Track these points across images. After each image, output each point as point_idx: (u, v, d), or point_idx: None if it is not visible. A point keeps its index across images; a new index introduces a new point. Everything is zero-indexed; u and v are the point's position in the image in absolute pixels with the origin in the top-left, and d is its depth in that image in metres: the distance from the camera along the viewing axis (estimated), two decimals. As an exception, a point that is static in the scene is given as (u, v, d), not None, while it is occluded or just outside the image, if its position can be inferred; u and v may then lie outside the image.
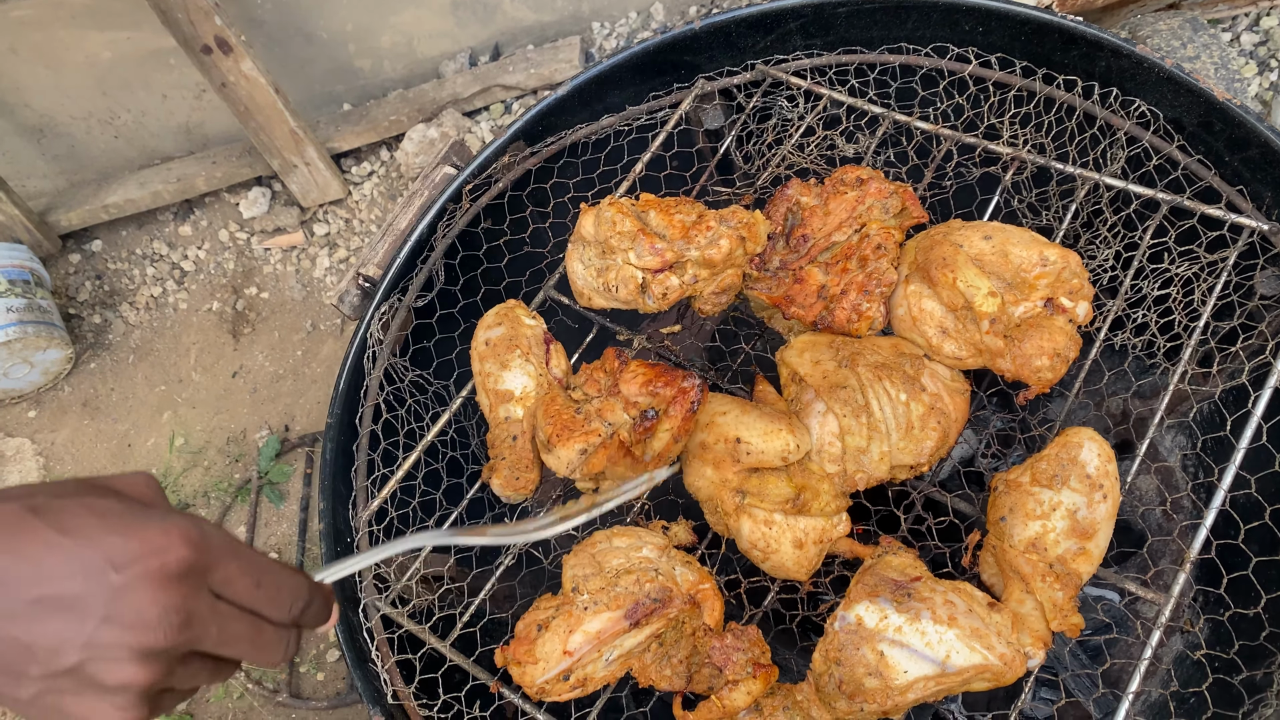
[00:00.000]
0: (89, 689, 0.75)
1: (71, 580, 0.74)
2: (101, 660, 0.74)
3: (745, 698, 1.28)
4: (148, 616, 0.75)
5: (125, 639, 0.74)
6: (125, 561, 0.75)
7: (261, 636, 0.83)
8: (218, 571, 0.80)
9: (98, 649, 0.74)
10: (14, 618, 0.73)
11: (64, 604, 0.74)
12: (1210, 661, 1.43)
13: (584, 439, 1.38)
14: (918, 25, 1.73)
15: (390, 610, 1.48)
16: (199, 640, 0.78)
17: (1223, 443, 1.36)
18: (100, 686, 0.75)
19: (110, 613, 0.74)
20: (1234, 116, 1.49)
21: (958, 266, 1.39)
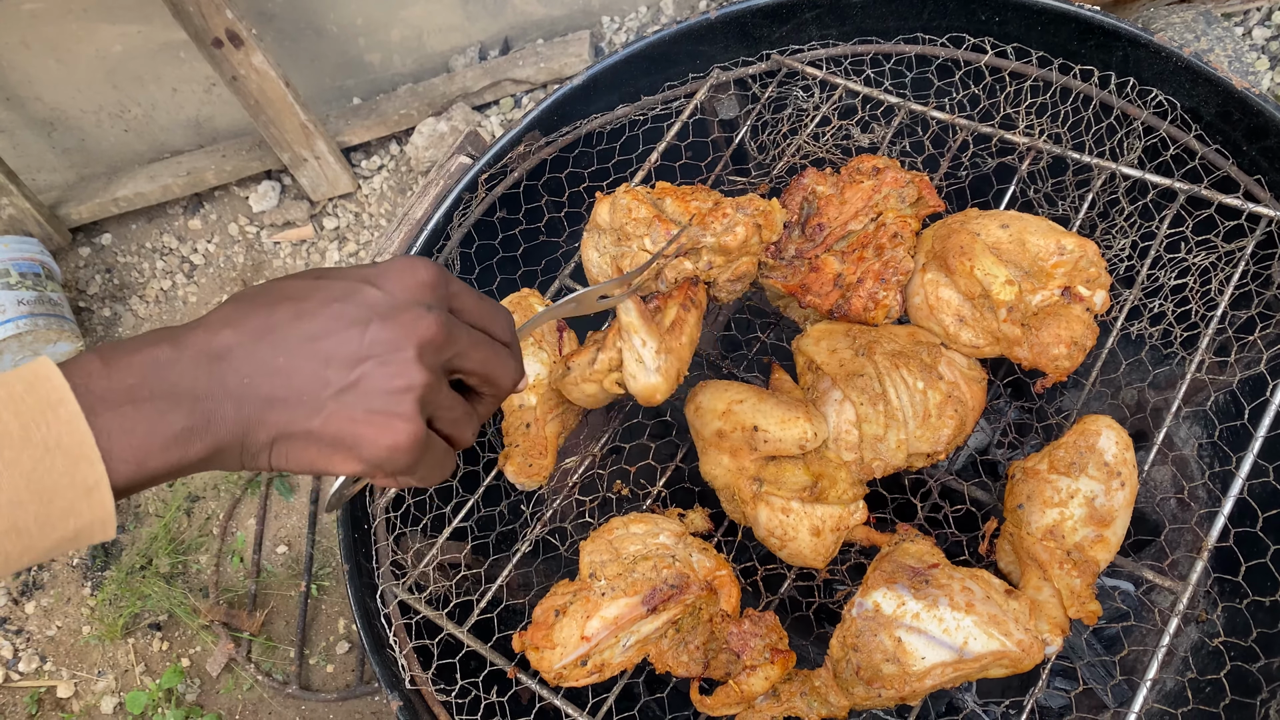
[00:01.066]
0: (376, 397, 0.80)
1: (340, 303, 0.82)
2: (382, 362, 0.81)
3: (763, 683, 1.28)
4: (415, 313, 0.82)
5: (399, 335, 0.81)
6: (382, 279, 0.84)
7: (495, 351, 0.90)
8: (453, 286, 0.89)
9: (377, 349, 0.81)
10: (300, 352, 0.80)
11: (340, 324, 0.81)
12: (1228, 649, 1.43)
13: (594, 344, 1.42)
14: (934, 15, 1.74)
15: (407, 596, 1.48)
16: (456, 344, 0.85)
17: (1240, 432, 1.36)
18: (385, 392, 0.80)
19: (381, 315, 0.82)
20: (1253, 105, 1.49)
21: (975, 255, 1.39)
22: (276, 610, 2.84)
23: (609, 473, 1.66)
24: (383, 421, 0.80)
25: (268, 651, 2.77)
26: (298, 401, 0.79)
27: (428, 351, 0.82)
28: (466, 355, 0.87)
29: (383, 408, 0.80)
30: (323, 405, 0.80)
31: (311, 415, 0.79)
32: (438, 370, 0.84)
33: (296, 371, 0.79)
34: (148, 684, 2.81)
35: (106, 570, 3.00)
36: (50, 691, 2.88)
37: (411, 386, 0.81)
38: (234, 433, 0.78)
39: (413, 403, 0.81)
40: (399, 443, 0.81)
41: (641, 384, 1.39)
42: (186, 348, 0.77)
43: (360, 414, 0.80)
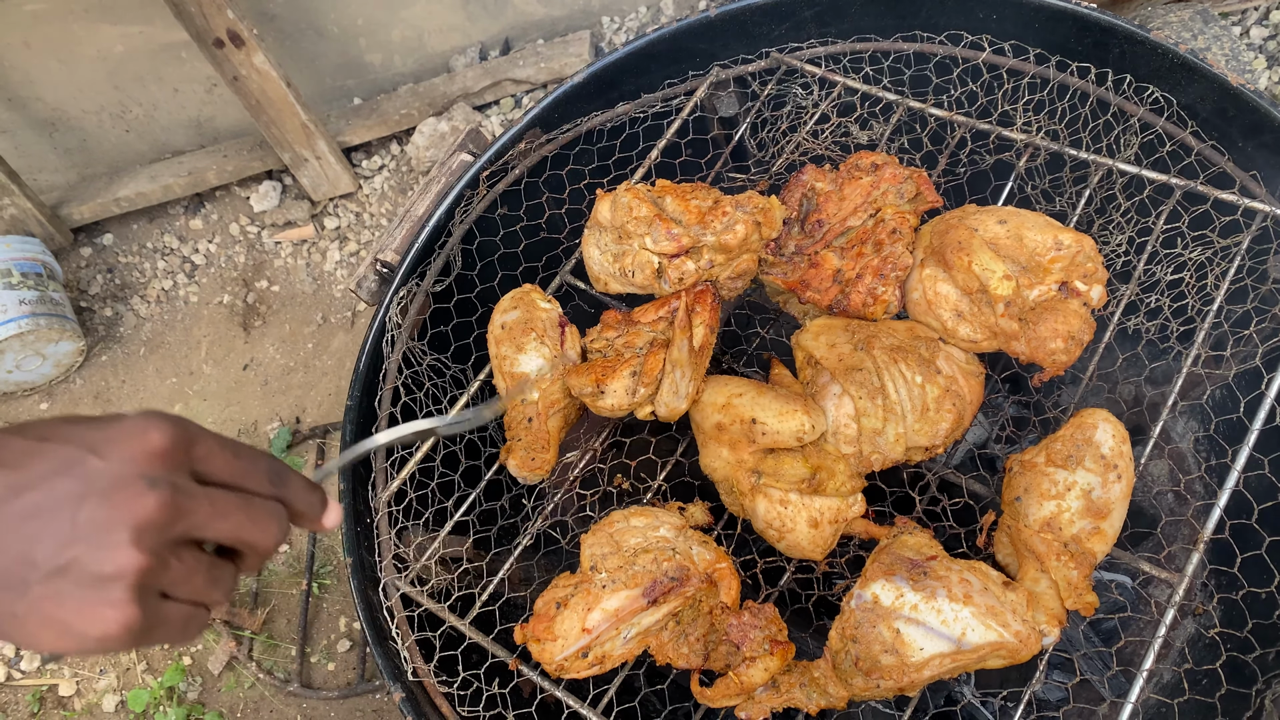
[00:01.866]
0: (84, 584, 0.74)
1: (56, 477, 0.75)
2: (93, 545, 0.74)
3: (762, 674, 1.29)
4: (134, 490, 0.75)
5: (114, 515, 0.74)
6: (106, 447, 0.76)
7: (251, 508, 0.83)
8: (197, 448, 0.80)
9: (88, 531, 0.74)
10: (9, 531, 0.74)
11: (53, 500, 0.74)
12: (1224, 640, 1.44)
13: (628, 365, 1.43)
14: (932, 13, 1.75)
15: (410, 590, 1.49)
16: (190, 517, 0.78)
17: (1236, 425, 1.37)
18: (94, 578, 0.74)
19: (98, 493, 0.74)
20: (1248, 102, 1.50)
21: (973, 250, 1.40)
22: (278, 608, 2.84)
23: (609, 467, 1.67)
24: (91, 610, 0.74)
25: (269, 650, 2.78)
26: (4, 584, 0.74)
27: (147, 533, 0.76)
28: (208, 526, 0.80)
29: (91, 596, 0.74)
30: (28, 589, 0.74)
31: (16, 599, 0.74)
32: (161, 550, 0.77)
33: (3, 551, 0.74)
34: (149, 682, 2.82)
35: (108, 568, 3.00)
36: (52, 690, 2.88)
37: (122, 573, 0.74)
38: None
39: (124, 589, 0.75)
40: (109, 632, 0.75)
41: (672, 409, 1.44)
42: None
43: (68, 601, 0.74)
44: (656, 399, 1.44)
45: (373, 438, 1.04)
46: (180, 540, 0.79)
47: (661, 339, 1.46)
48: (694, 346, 1.43)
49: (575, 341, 1.56)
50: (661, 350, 1.43)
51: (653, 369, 1.42)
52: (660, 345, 1.44)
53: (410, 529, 1.58)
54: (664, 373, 1.42)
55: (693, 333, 1.44)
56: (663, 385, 1.43)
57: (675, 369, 1.42)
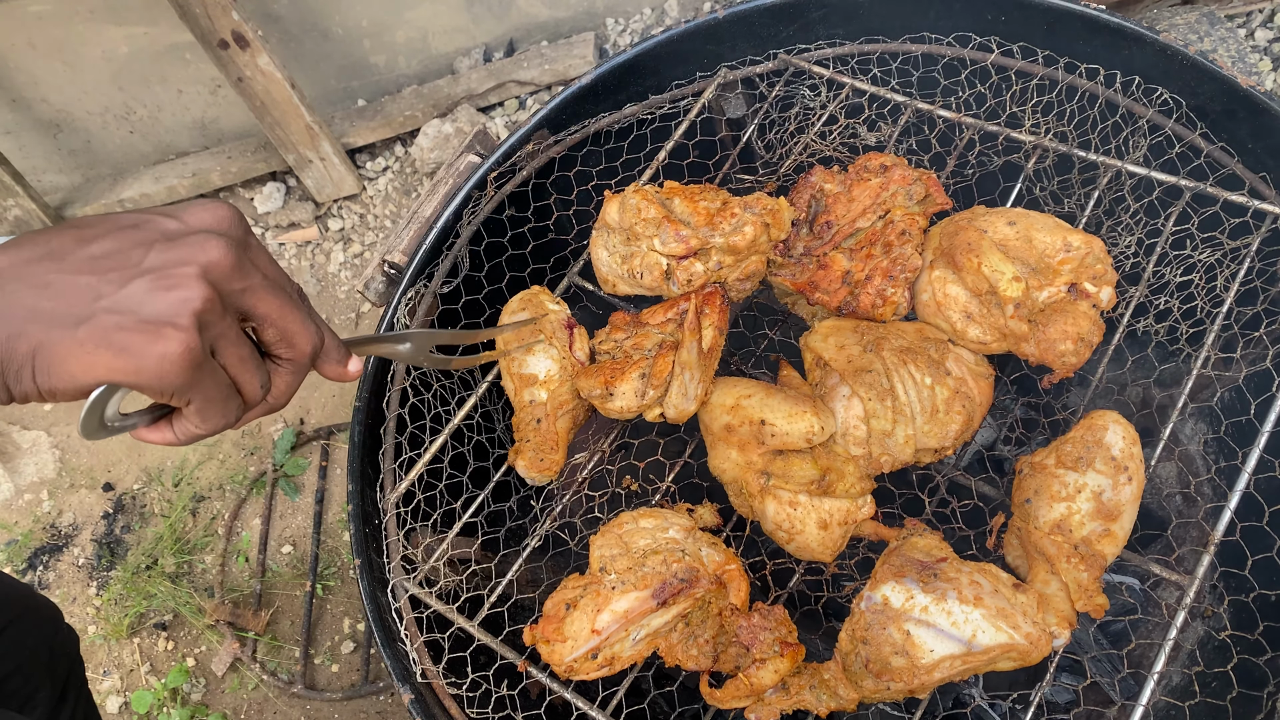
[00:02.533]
0: (150, 308, 0.77)
1: (127, 230, 0.82)
2: (161, 276, 0.78)
3: (772, 676, 1.29)
4: (204, 239, 0.82)
5: (184, 254, 0.80)
6: (178, 212, 0.85)
7: (293, 304, 0.89)
8: (253, 239, 0.88)
9: (158, 264, 0.79)
10: (76, 271, 0.78)
11: (123, 245, 0.80)
12: (1234, 643, 1.44)
13: (637, 367, 1.42)
14: (940, 15, 1.75)
15: (418, 591, 1.49)
16: (248, 280, 0.84)
17: (1245, 427, 1.36)
18: (160, 302, 0.78)
19: (168, 239, 0.81)
20: (1258, 104, 1.50)
21: (982, 251, 1.40)
22: (282, 610, 2.84)
23: (618, 468, 1.66)
24: (154, 329, 0.77)
25: (273, 651, 2.78)
26: (64, 312, 0.76)
27: (213, 273, 0.80)
28: (259, 296, 0.85)
29: (156, 315, 0.77)
30: (91, 314, 0.76)
31: (76, 324, 0.76)
32: (222, 296, 0.81)
33: (67, 286, 0.77)
34: (153, 683, 2.82)
35: (112, 570, 3.00)
36: (56, 691, 2.88)
37: (189, 300, 0.78)
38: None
39: (189, 315, 0.78)
40: (169, 351, 0.77)
41: (681, 411, 1.44)
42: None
43: (131, 322, 0.76)
44: (665, 401, 1.44)
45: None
46: (234, 309, 0.84)
47: (670, 341, 1.46)
48: (703, 348, 1.43)
49: (583, 343, 1.55)
50: (670, 352, 1.43)
51: (661, 371, 1.42)
52: (669, 347, 1.44)
53: (418, 530, 1.58)
54: (673, 375, 1.42)
55: (701, 335, 1.44)
56: (671, 387, 1.43)
57: (684, 371, 1.42)
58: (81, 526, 3.11)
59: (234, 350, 0.84)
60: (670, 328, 1.48)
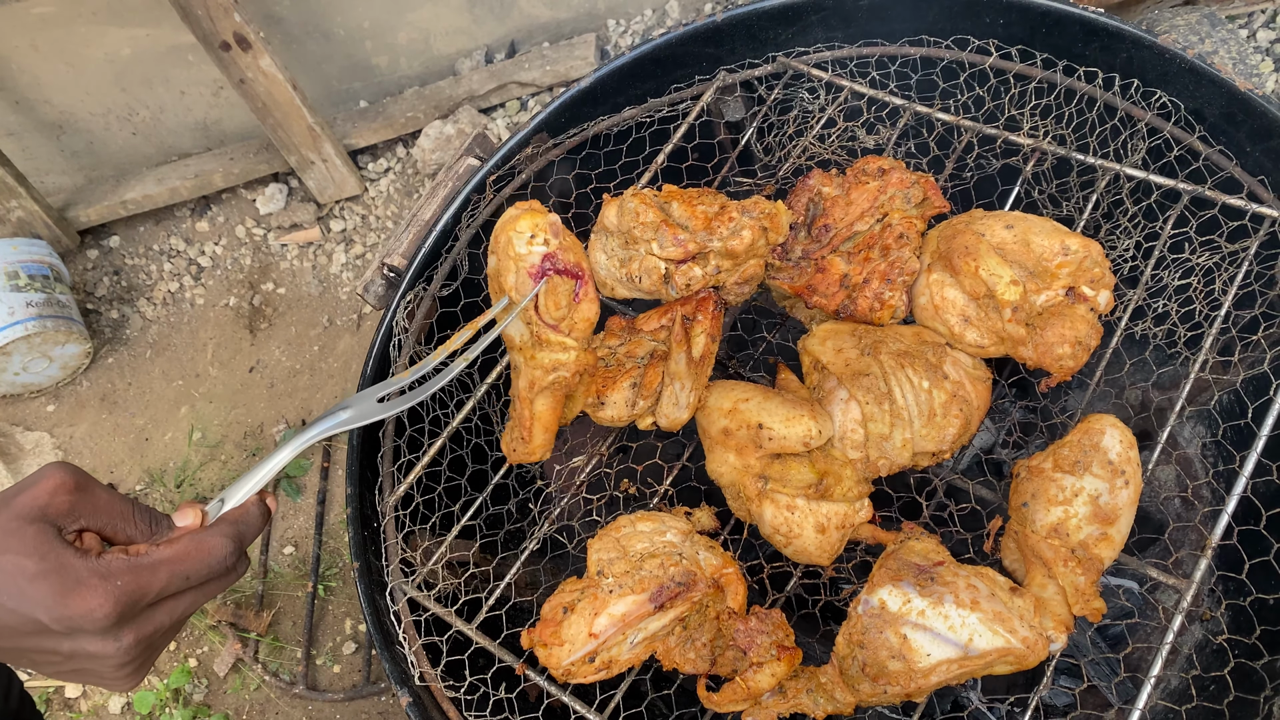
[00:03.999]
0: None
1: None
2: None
3: (769, 679, 1.29)
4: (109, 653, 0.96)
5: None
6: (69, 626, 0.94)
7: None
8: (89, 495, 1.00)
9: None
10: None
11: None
12: (1232, 647, 1.44)
13: (628, 376, 1.43)
14: (939, 18, 1.75)
15: (416, 594, 1.49)
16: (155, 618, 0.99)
17: (1244, 431, 1.36)
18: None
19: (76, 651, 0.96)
20: (1256, 107, 1.49)
21: (980, 255, 1.40)
22: (283, 611, 2.85)
23: (616, 471, 1.67)
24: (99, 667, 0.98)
25: (275, 652, 2.79)
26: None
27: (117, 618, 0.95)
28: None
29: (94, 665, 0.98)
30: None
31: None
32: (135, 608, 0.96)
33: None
34: (155, 684, 2.82)
35: (114, 570, 3.00)
36: (59, 692, 2.89)
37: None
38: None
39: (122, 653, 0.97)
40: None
41: (673, 420, 1.45)
42: None
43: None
44: (657, 410, 1.45)
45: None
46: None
47: (662, 349, 1.46)
48: (693, 357, 1.43)
49: (559, 298, 1.40)
50: (661, 362, 1.43)
51: (652, 381, 1.42)
52: (660, 356, 1.44)
53: (417, 533, 1.58)
54: (663, 385, 1.43)
55: (691, 344, 1.44)
56: (662, 397, 1.43)
57: (674, 381, 1.42)
58: (84, 527, 3.11)
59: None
60: (663, 335, 1.48)
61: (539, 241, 1.39)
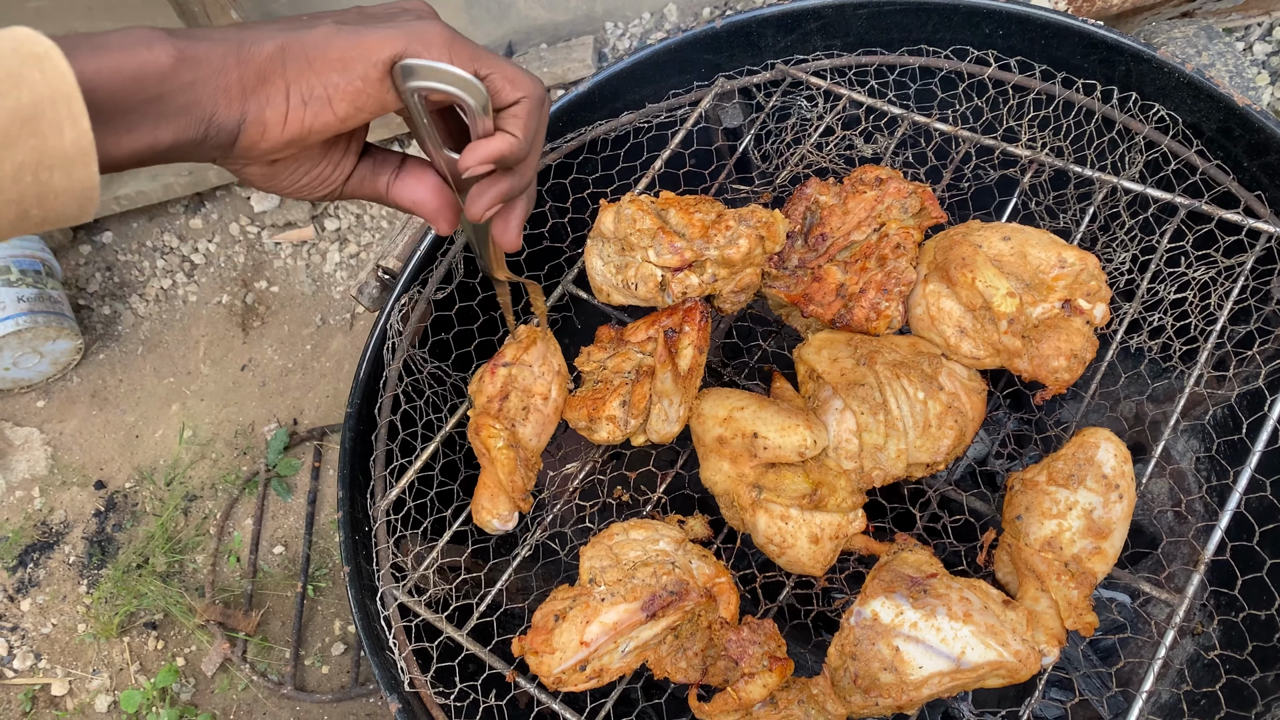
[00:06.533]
0: (402, 17, 0.91)
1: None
2: (402, 5, 0.93)
3: (761, 690, 1.29)
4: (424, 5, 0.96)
5: (415, 6, 0.93)
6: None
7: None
8: None
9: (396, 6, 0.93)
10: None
11: None
12: (1223, 663, 1.44)
13: (617, 394, 1.42)
14: (938, 28, 1.74)
15: (407, 599, 1.48)
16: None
17: (1237, 446, 1.37)
18: (411, 13, 0.91)
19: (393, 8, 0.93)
20: (1254, 122, 1.50)
21: (977, 266, 1.40)
22: (272, 611, 2.84)
23: (609, 478, 1.66)
24: (422, 20, 0.89)
25: (263, 652, 2.78)
26: (301, 23, 0.85)
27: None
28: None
29: (418, 13, 0.91)
30: (326, 20, 0.85)
31: (319, 24, 0.85)
32: None
33: (319, 21, 0.86)
34: (142, 683, 2.81)
35: (103, 568, 3.00)
36: (45, 689, 2.87)
37: (434, 14, 0.93)
38: (224, 47, 0.79)
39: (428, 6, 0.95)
40: (445, 31, 0.88)
41: (664, 436, 1.46)
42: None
43: (378, 18, 0.87)
44: (647, 427, 1.45)
45: None
46: None
47: (648, 363, 1.45)
48: (679, 373, 1.43)
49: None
50: (647, 379, 1.43)
51: (640, 400, 1.42)
52: (647, 372, 1.44)
53: (408, 538, 1.57)
54: (651, 403, 1.43)
55: (678, 358, 1.43)
56: (652, 414, 1.43)
57: (662, 399, 1.43)
58: (73, 524, 3.10)
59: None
60: (650, 347, 1.48)
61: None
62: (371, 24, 0.87)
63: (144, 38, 0.74)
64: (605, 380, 1.47)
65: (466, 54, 0.90)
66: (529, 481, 1.47)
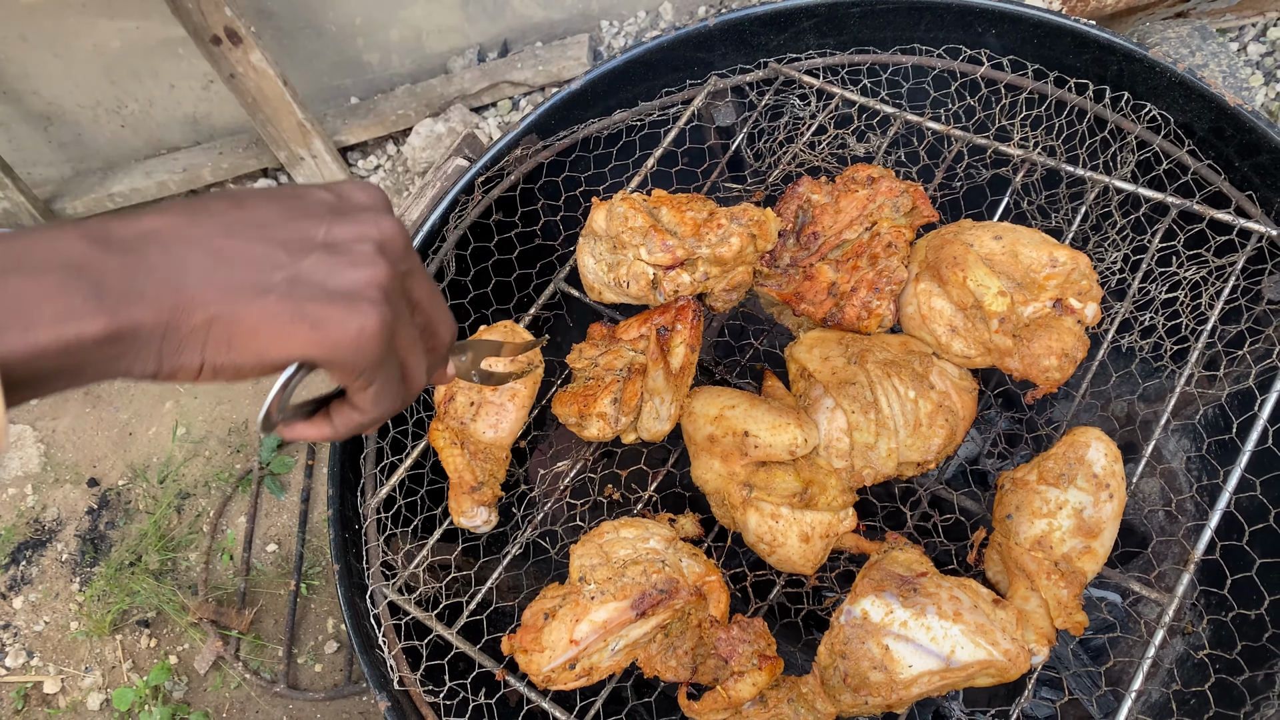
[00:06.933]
0: (337, 283, 0.74)
1: (303, 200, 0.78)
2: (344, 250, 0.75)
3: (750, 689, 1.28)
4: (379, 214, 0.79)
5: (363, 230, 0.77)
6: (343, 189, 0.81)
7: (438, 294, 0.86)
8: (417, 262, 0.84)
9: (339, 237, 0.76)
10: (255, 227, 0.74)
11: (302, 213, 0.76)
12: (1212, 662, 1.44)
13: (608, 391, 1.43)
14: (931, 27, 1.74)
15: (397, 597, 1.48)
16: (412, 261, 0.81)
17: (1227, 446, 1.37)
18: (348, 280, 0.74)
19: (346, 214, 0.78)
20: (1245, 122, 1.50)
21: (968, 265, 1.40)
22: (265, 609, 2.83)
23: (600, 477, 1.66)
24: (348, 303, 0.73)
25: (256, 650, 2.77)
26: (244, 280, 0.70)
27: (389, 250, 0.77)
28: (418, 280, 0.82)
29: (345, 290, 0.73)
30: (274, 285, 0.71)
31: (262, 293, 0.70)
32: (400, 274, 0.78)
33: (241, 252, 0.71)
34: (135, 681, 2.81)
35: (95, 566, 2.99)
36: (37, 687, 2.87)
37: (376, 275, 0.75)
38: (155, 312, 0.67)
39: (379, 291, 0.75)
40: (367, 326, 0.73)
41: (655, 434, 1.46)
42: (94, 228, 0.67)
43: (321, 294, 0.72)
44: (638, 425, 1.45)
45: None
46: (402, 290, 0.81)
47: (640, 361, 1.45)
48: (671, 371, 1.42)
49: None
50: (639, 377, 1.43)
51: (631, 397, 1.42)
52: (639, 370, 1.44)
53: (398, 536, 1.57)
54: (643, 400, 1.43)
55: (670, 356, 1.43)
56: (643, 412, 1.43)
57: (653, 396, 1.43)
58: (65, 522, 3.09)
59: (406, 332, 0.80)
60: (642, 345, 1.48)
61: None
62: (308, 299, 0.73)
63: (75, 309, 0.63)
64: (597, 377, 1.47)
65: (364, 364, 0.77)
66: (492, 474, 1.49)
